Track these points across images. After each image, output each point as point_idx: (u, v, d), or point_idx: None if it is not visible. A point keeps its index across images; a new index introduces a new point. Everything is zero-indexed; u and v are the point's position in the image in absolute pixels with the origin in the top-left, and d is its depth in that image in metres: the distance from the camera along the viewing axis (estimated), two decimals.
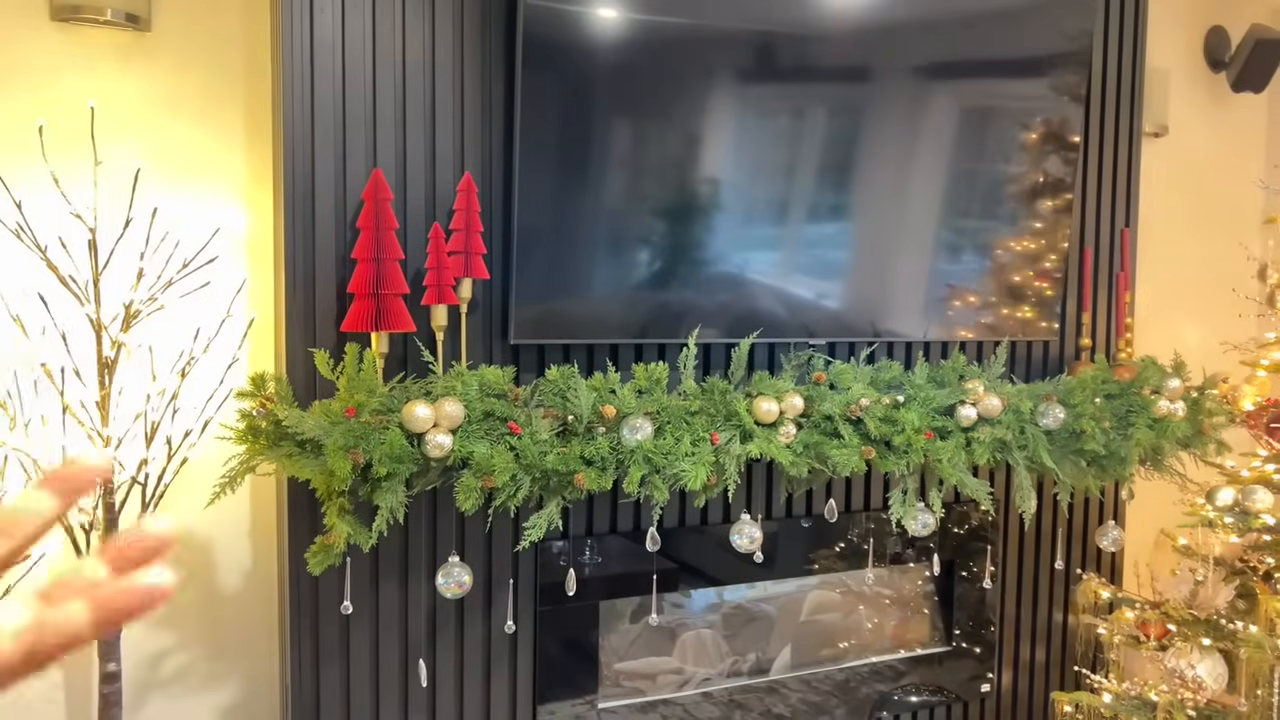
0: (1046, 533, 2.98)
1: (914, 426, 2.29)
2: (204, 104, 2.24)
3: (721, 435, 2.16)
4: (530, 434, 1.99)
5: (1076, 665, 3.04)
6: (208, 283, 2.23)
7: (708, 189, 2.36)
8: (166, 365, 2.19)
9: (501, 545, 2.28)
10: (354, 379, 1.91)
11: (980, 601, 2.90)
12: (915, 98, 2.56)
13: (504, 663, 2.31)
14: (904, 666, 2.84)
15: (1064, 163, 2.76)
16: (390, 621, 2.19)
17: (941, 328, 2.68)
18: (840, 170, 2.51)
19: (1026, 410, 2.45)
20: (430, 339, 2.13)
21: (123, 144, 2.16)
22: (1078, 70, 2.73)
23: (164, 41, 2.19)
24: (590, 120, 2.22)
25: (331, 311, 2.08)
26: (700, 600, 2.66)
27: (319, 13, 2.04)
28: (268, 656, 2.37)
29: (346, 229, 2.08)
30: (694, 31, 2.29)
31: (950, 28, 2.57)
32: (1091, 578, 2.94)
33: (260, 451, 1.90)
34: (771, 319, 2.45)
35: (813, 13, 2.38)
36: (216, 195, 2.26)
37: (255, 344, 2.29)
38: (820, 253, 2.52)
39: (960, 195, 2.65)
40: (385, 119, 2.11)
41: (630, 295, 2.31)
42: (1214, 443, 2.72)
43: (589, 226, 2.24)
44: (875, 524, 2.72)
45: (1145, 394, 2.60)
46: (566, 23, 2.14)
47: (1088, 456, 2.54)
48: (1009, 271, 2.74)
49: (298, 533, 2.08)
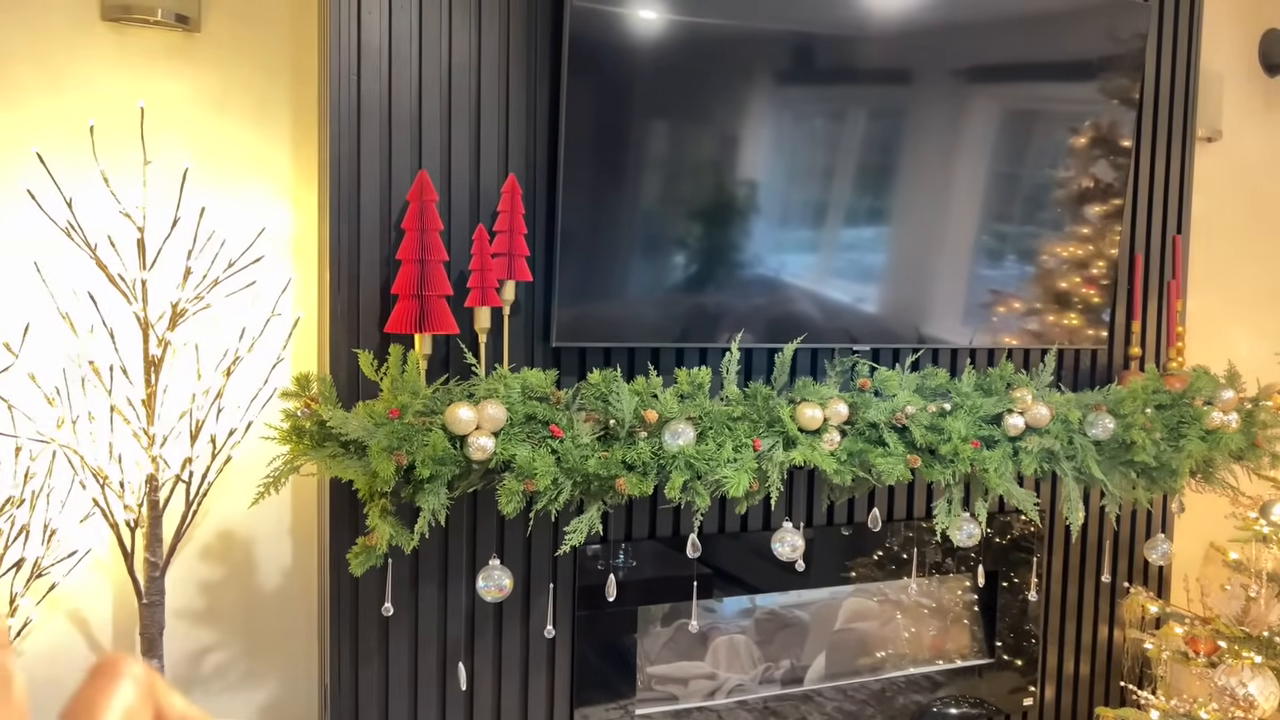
0: (1093, 545, 2.92)
1: (960, 435, 2.25)
2: (251, 104, 2.25)
3: (764, 441, 2.14)
4: (572, 437, 1.98)
5: (1123, 681, 2.98)
6: (253, 282, 2.24)
7: (745, 191, 2.33)
8: (212, 364, 2.20)
9: (541, 549, 2.27)
10: (397, 380, 1.91)
11: (1023, 613, 2.85)
12: (958, 101, 2.52)
13: (542, 666, 2.30)
14: (943, 678, 2.80)
15: (1114, 167, 2.71)
16: (429, 624, 2.19)
17: (986, 334, 2.64)
18: (879, 173, 2.47)
19: (1075, 420, 2.40)
20: (473, 341, 2.13)
21: (171, 143, 2.18)
22: (1130, 74, 2.67)
23: (213, 42, 2.21)
24: (630, 122, 2.21)
25: (375, 312, 2.08)
26: (732, 605, 2.63)
27: (366, 14, 2.04)
28: (307, 656, 2.38)
29: (391, 230, 2.08)
30: (734, 33, 2.26)
31: (996, 30, 2.53)
32: (1139, 591, 2.88)
33: (304, 452, 1.90)
34: (809, 323, 2.42)
35: (854, 14, 2.35)
36: (263, 195, 2.27)
37: (300, 344, 2.30)
38: (857, 256, 2.49)
39: (1003, 199, 2.60)
40: (431, 120, 2.11)
41: (667, 298, 2.29)
42: (1268, 455, 2.66)
43: (628, 228, 2.23)
44: (915, 532, 2.68)
45: (1197, 405, 2.54)
46: (611, 24, 2.12)
47: (1137, 468, 2.48)
48: (1056, 278, 2.69)
49: (339, 533, 2.08)
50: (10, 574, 2.04)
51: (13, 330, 2.08)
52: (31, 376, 2.07)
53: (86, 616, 2.17)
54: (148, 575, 2.04)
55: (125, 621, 2.20)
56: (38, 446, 2.08)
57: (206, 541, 2.26)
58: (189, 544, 2.24)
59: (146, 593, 2.04)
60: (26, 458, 2.07)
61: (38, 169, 2.06)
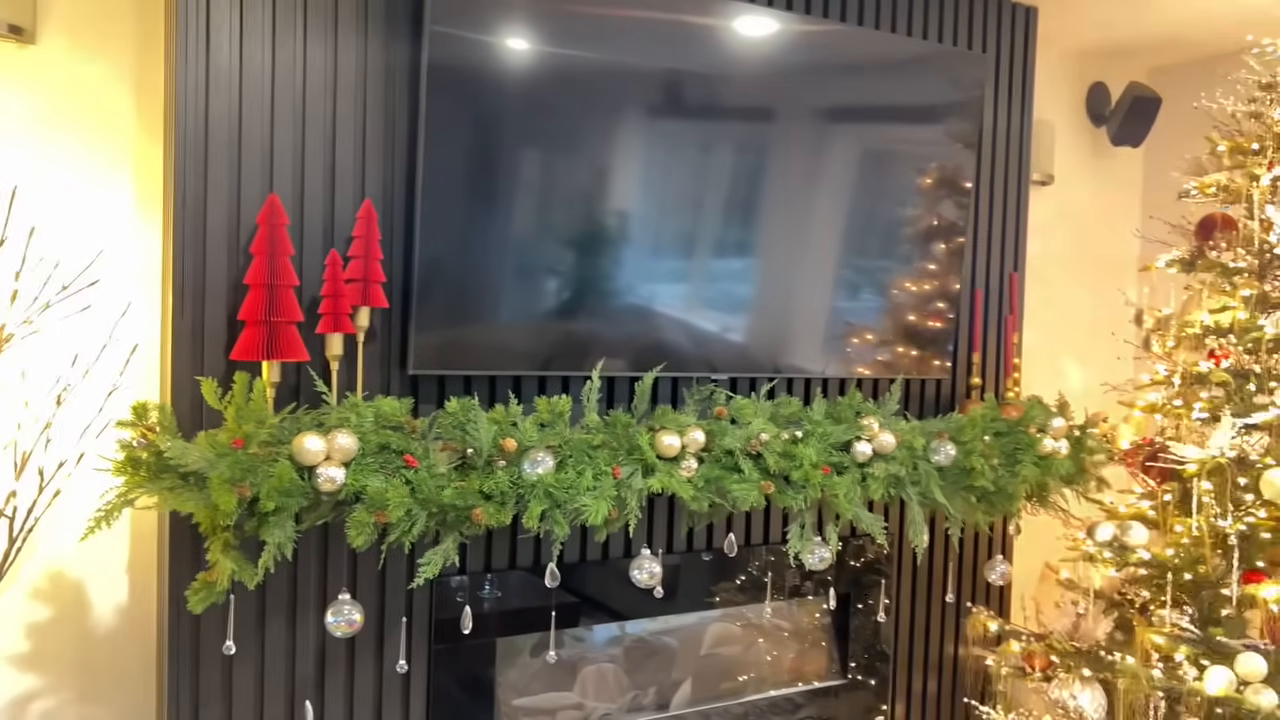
0: (939, 567, 3.05)
1: (812, 462, 2.32)
2: (90, 121, 2.15)
3: (624, 469, 2.15)
4: (427, 467, 1.95)
5: (967, 697, 3.11)
6: (88, 306, 2.13)
7: (615, 221, 2.37)
8: (42, 392, 2.08)
9: (395, 582, 2.22)
10: (243, 409, 1.85)
11: (874, 634, 2.95)
12: (817, 139, 2.62)
13: (396, 703, 2.25)
14: (801, 699, 2.86)
15: (957, 207, 2.86)
16: (276, 662, 2.11)
17: (840, 364, 2.74)
18: (745, 207, 2.55)
19: (920, 447, 2.51)
20: (325, 369, 2.07)
21: (1, 159, 2.06)
22: (971, 119, 2.84)
23: (49, 54, 2.10)
24: (498, 149, 2.21)
25: (221, 339, 2.01)
26: (602, 634, 2.63)
27: (215, 31, 1.98)
28: (144, 699, 2.25)
29: (239, 254, 2.01)
30: (603, 66, 2.30)
31: (850, 73, 2.65)
32: (980, 611, 3.02)
33: (140, 484, 1.81)
34: (677, 352, 2.46)
35: (718, 53, 2.42)
36: (101, 216, 2.16)
37: (140, 371, 2.19)
38: (726, 287, 2.55)
39: (860, 235, 2.72)
40: (283, 142, 2.06)
41: (536, 326, 2.29)
42: (1095, 480, 2.83)
43: (494, 256, 2.22)
44: (774, 557, 2.74)
45: (1031, 432, 2.70)
46: (474, 51, 2.13)
47: (977, 492, 2.61)
48: (905, 310, 2.82)
49: (179, 569, 1.99)
50: None
51: None
52: None
53: None
54: None
55: None
56: None
57: (34, 580, 2.13)
58: (13, 583, 2.10)
59: None
60: None
61: None
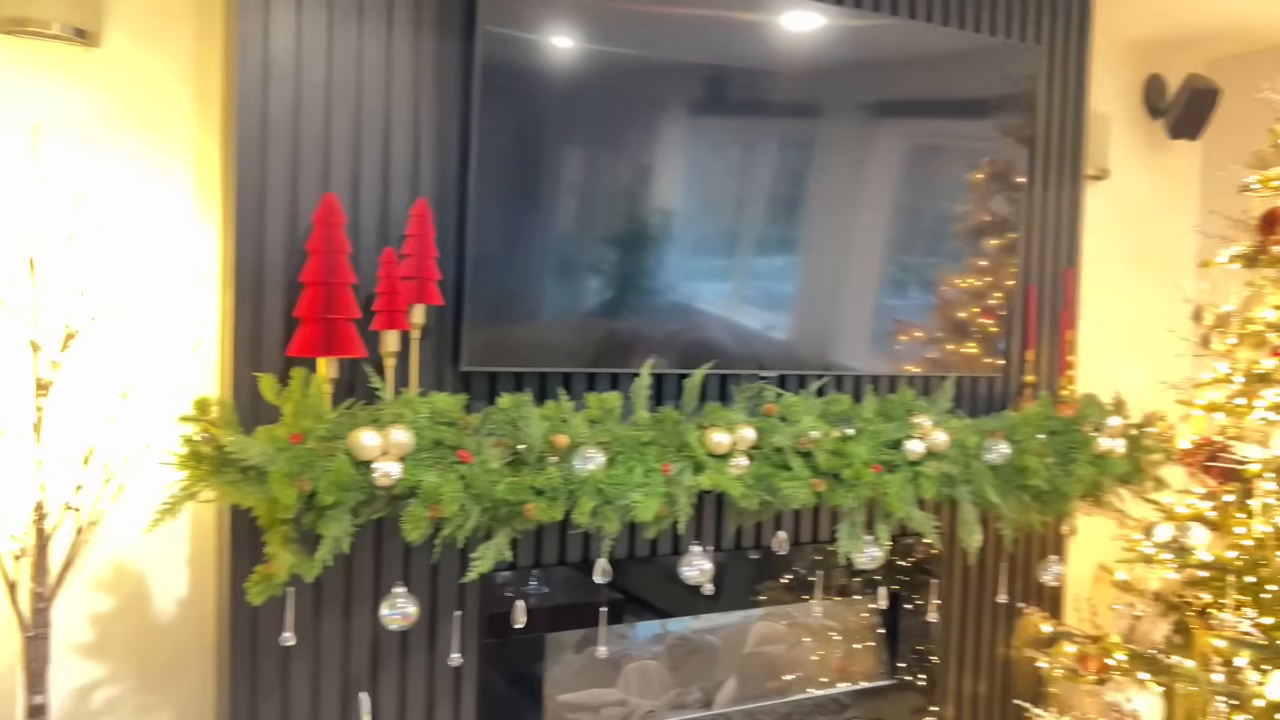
0: (990, 567, 3.01)
1: (863, 460, 2.31)
2: (153, 123, 2.20)
3: (673, 466, 2.16)
4: (481, 463, 1.97)
5: (1018, 699, 3.07)
6: (152, 303, 2.18)
7: (658, 219, 2.37)
8: (106, 388, 2.13)
9: (448, 576, 2.25)
10: (300, 404, 1.88)
11: (924, 634, 2.92)
12: (863, 134, 2.60)
13: (447, 696, 2.27)
14: (848, 699, 2.85)
15: (1009, 202, 2.82)
16: (332, 653, 2.14)
17: (889, 362, 2.71)
18: (789, 204, 2.54)
19: (972, 445, 2.48)
20: (380, 365, 2.10)
21: (67, 161, 2.11)
22: (1023, 113, 2.80)
23: (113, 57, 2.15)
24: (544, 147, 2.22)
25: (279, 335, 2.04)
26: (645, 631, 2.64)
27: (274, 35, 2.01)
28: (202, 689, 2.30)
29: (296, 252, 2.05)
30: (648, 63, 2.31)
31: (899, 68, 2.62)
32: (1033, 612, 2.98)
33: (202, 478, 1.85)
34: (720, 350, 2.46)
35: (764, 48, 2.41)
36: (164, 216, 2.21)
37: (200, 367, 2.24)
38: (768, 285, 2.54)
39: (907, 231, 2.69)
40: (339, 141, 2.09)
41: (581, 323, 2.31)
42: (1152, 479, 2.79)
43: (541, 253, 2.24)
44: (822, 556, 2.73)
45: (1086, 431, 2.66)
46: (524, 50, 2.14)
47: (1031, 492, 2.58)
48: (955, 308, 2.79)
49: (238, 562, 2.03)
50: None
51: None
52: None
53: None
54: (33, 606, 1.96)
55: (7, 655, 2.10)
56: None
57: (98, 571, 2.18)
58: (79, 574, 2.15)
59: (32, 624, 1.96)
60: None
61: None
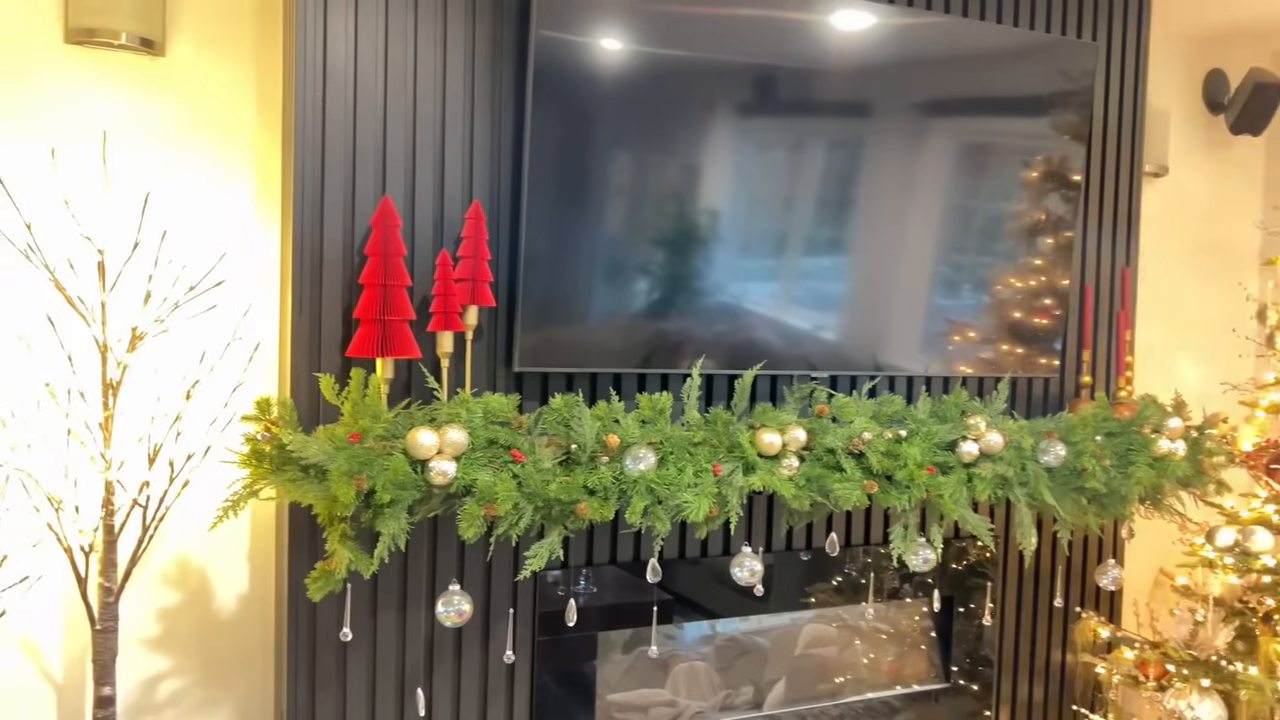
0: (1046, 570, 2.97)
1: (916, 461, 2.29)
2: (215, 129, 2.25)
3: (724, 467, 2.16)
4: (534, 462, 1.99)
5: (1075, 705, 3.02)
6: (214, 306, 2.23)
7: (707, 220, 2.37)
8: (171, 388, 2.19)
9: (501, 574, 2.27)
10: (359, 404, 1.91)
11: (979, 638, 2.89)
12: (915, 134, 2.58)
13: (501, 693, 2.30)
14: (900, 703, 2.82)
15: (1064, 201, 2.78)
16: (388, 649, 2.18)
17: (942, 363, 2.69)
18: (838, 204, 2.53)
19: (1028, 447, 2.45)
20: (435, 365, 2.13)
21: (133, 167, 2.18)
22: (1079, 110, 2.76)
23: (177, 66, 2.21)
24: (595, 149, 2.24)
25: (337, 336, 2.08)
26: (693, 632, 2.64)
27: (332, 42, 2.06)
28: (263, 682, 2.35)
29: (354, 255, 2.09)
30: (698, 65, 2.31)
31: (951, 66, 2.60)
32: (1091, 616, 2.93)
33: (263, 476, 1.90)
34: (769, 350, 2.46)
35: (813, 48, 2.41)
36: (225, 220, 2.27)
37: (261, 368, 2.29)
38: (817, 285, 2.53)
39: (959, 230, 2.67)
40: (395, 146, 2.13)
41: (630, 324, 2.32)
42: (1214, 482, 2.73)
43: (592, 255, 2.25)
44: (873, 558, 2.71)
45: (1145, 433, 2.61)
46: (575, 54, 2.16)
47: (1088, 494, 2.54)
48: (1009, 308, 2.76)
49: (298, 558, 2.07)
50: None
51: None
52: None
53: (38, 644, 2.13)
54: (102, 601, 2.01)
55: (77, 648, 2.17)
56: None
57: (163, 566, 2.24)
58: (145, 569, 2.22)
59: (100, 618, 2.02)
60: None
61: None
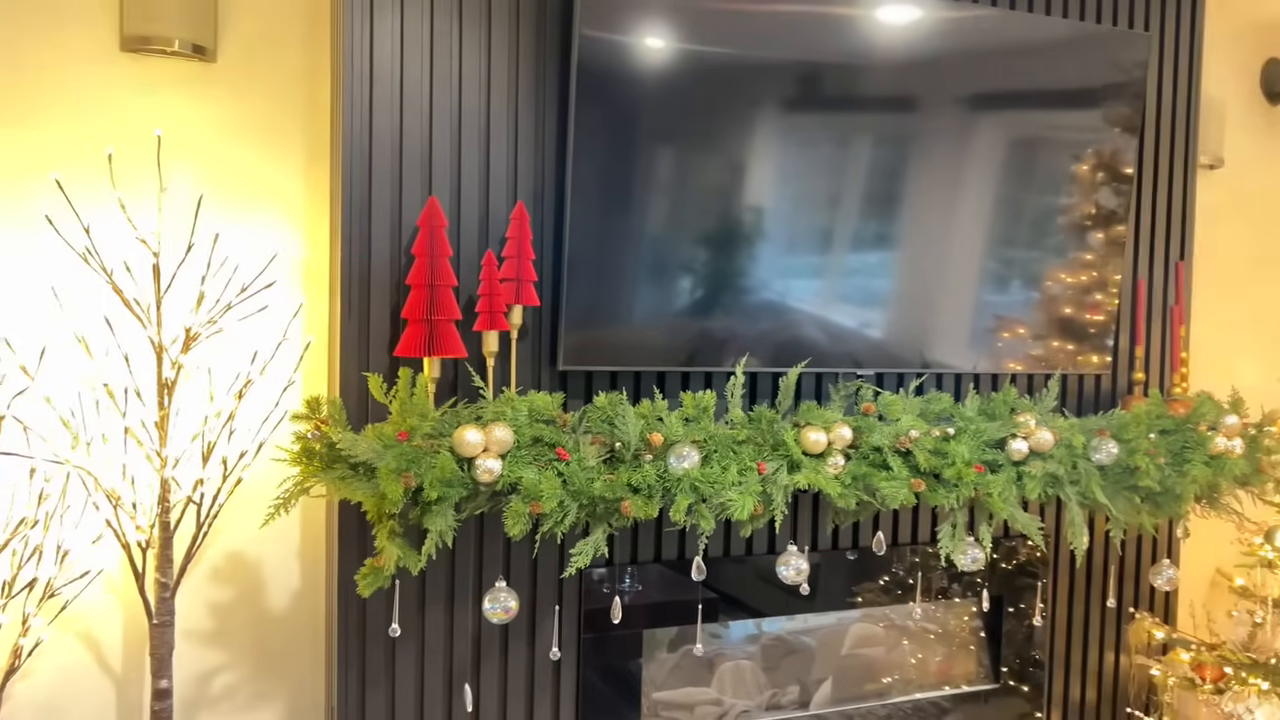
0: (1098, 570, 2.92)
1: (964, 459, 2.27)
2: (265, 133, 2.29)
3: (769, 465, 2.15)
4: (578, 460, 2.00)
5: (1129, 707, 2.97)
6: (265, 307, 2.27)
7: (751, 217, 2.37)
8: (224, 387, 2.23)
9: (547, 571, 2.29)
10: (406, 403, 1.94)
11: (1029, 639, 2.85)
12: (962, 128, 2.55)
13: (547, 689, 2.31)
14: (949, 704, 2.79)
15: (1116, 194, 2.73)
16: (436, 646, 2.20)
17: (990, 359, 2.66)
18: (884, 200, 2.50)
19: (1079, 445, 2.41)
20: (481, 364, 2.15)
21: (186, 171, 2.22)
22: (1132, 102, 2.70)
23: (228, 72, 2.26)
24: (638, 148, 2.24)
25: (385, 336, 2.11)
26: (739, 631, 2.64)
27: (378, 45, 2.08)
28: (314, 677, 2.39)
29: (401, 255, 2.11)
30: (740, 61, 2.30)
31: (1000, 58, 2.56)
32: (1145, 617, 2.88)
33: (314, 473, 1.93)
34: (814, 348, 2.44)
35: (859, 43, 2.39)
36: (275, 221, 2.31)
37: (310, 368, 2.33)
38: (863, 282, 2.51)
39: (1008, 225, 2.63)
40: (441, 147, 2.15)
41: (674, 322, 2.32)
42: (1273, 481, 2.66)
43: (636, 253, 2.26)
44: (920, 557, 2.68)
45: (1201, 430, 2.55)
46: (619, 53, 2.17)
47: (1142, 493, 2.49)
48: (1059, 303, 2.71)
49: (347, 555, 2.10)
50: (23, 594, 2.07)
51: (29, 354, 2.11)
52: (47, 399, 2.10)
53: (97, 637, 2.19)
54: (158, 596, 2.06)
55: (135, 642, 2.22)
56: (52, 468, 2.11)
57: (216, 563, 2.29)
58: (199, 565, 2.27)
59: (157, 613, 2.06)
60: (41, 479, 2.09)
61: (56, 195, 2.11)
